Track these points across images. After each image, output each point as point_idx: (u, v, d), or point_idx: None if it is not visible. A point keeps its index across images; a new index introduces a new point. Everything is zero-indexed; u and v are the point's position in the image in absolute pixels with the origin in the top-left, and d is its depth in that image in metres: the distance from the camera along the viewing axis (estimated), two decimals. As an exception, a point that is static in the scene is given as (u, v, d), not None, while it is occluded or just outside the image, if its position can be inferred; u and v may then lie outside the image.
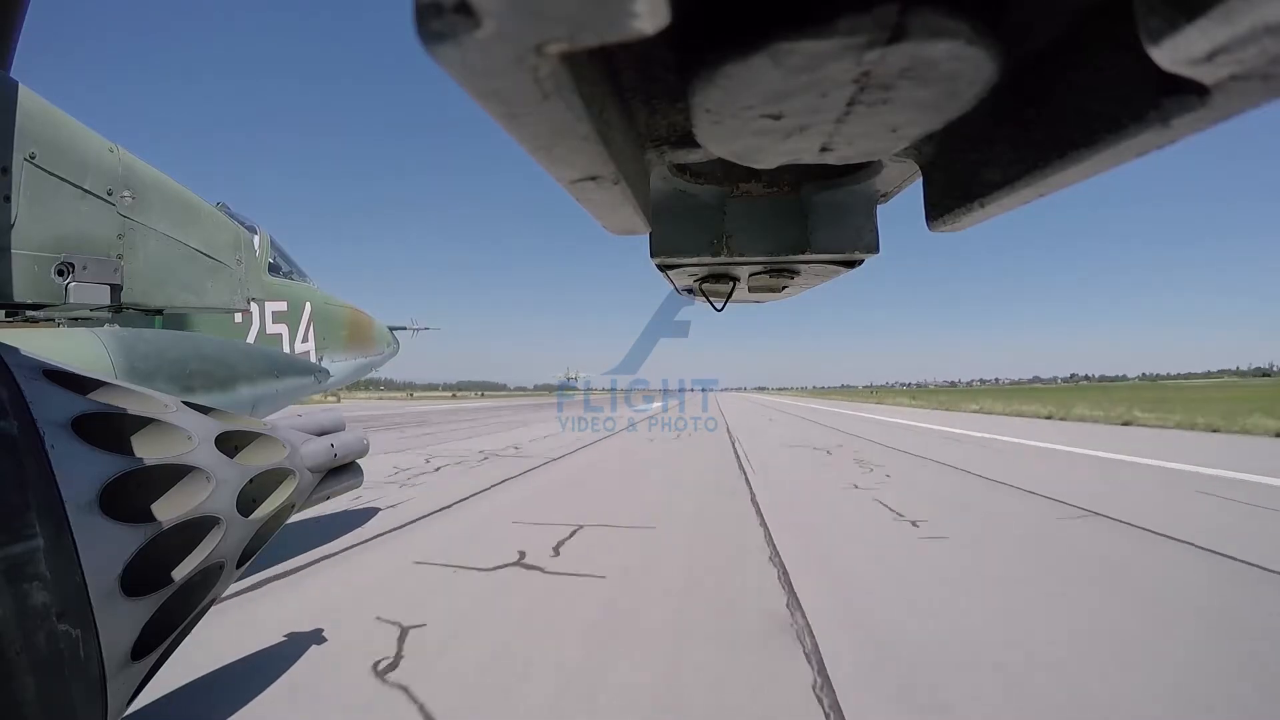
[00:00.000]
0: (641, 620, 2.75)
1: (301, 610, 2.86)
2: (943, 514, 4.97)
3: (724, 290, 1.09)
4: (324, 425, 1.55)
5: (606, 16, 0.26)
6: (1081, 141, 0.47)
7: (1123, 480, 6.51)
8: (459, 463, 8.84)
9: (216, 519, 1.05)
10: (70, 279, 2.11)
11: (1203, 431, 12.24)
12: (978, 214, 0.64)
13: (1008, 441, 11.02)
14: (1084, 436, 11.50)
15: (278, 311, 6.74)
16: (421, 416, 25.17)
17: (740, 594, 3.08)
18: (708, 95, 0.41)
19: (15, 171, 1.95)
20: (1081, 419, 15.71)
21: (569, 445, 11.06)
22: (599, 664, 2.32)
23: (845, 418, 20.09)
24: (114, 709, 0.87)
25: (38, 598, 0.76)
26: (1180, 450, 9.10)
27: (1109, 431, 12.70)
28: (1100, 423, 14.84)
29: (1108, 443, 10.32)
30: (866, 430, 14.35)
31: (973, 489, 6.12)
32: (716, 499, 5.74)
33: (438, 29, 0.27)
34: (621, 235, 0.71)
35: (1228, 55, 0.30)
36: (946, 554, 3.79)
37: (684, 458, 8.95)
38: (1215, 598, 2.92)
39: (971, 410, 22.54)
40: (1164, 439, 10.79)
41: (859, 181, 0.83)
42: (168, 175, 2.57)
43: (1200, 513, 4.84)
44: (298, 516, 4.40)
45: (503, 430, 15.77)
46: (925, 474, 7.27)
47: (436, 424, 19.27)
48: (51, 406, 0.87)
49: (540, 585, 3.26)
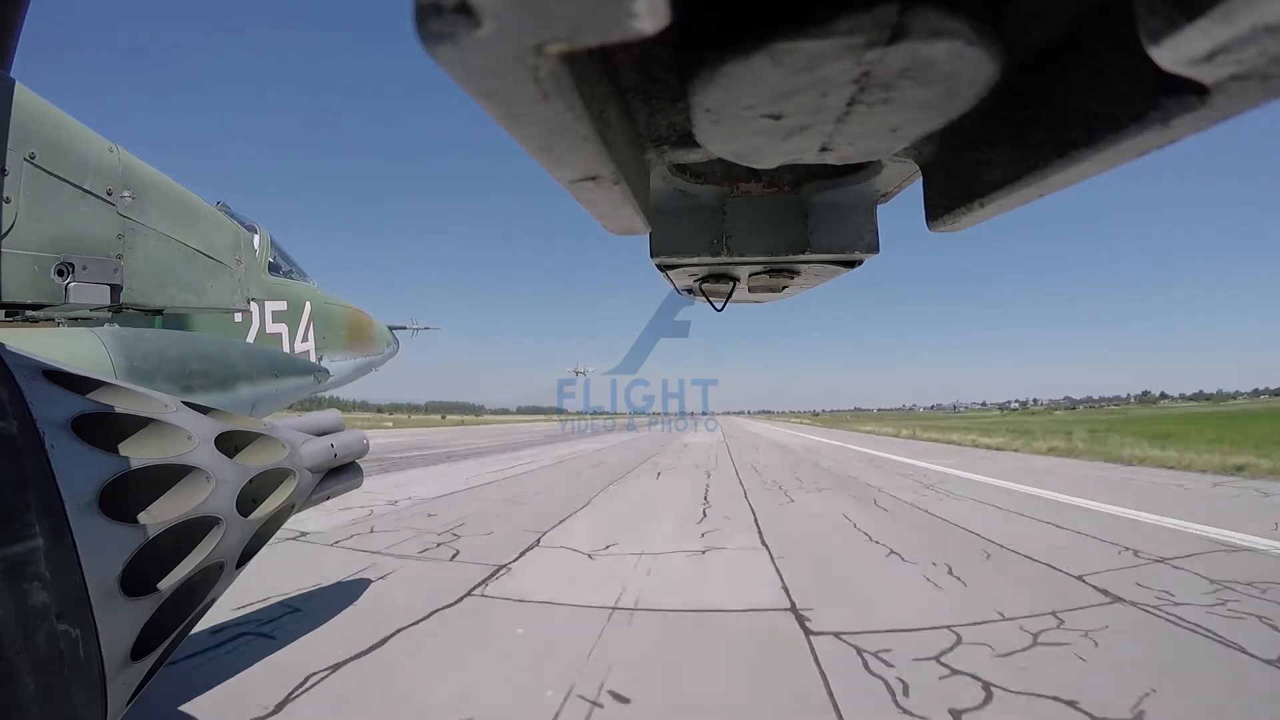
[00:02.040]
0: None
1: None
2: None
3: (724, 290, 1.09)
4: (324, 425, 1.55)
5: (606, 16, 0.26)
6: (1081, 141, 0.47)
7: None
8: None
9: (216, 519, 1.05)
10: (70, 279, 2.11)
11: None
12: (978, 214, 0.64)
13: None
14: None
15: (278, 311, 6.74)
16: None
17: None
18: (708, 95, 0.41)
19: (15, 171, 1.95)
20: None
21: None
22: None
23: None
24: (114, 709, 0.87)
25: (37, 598, 0.76)
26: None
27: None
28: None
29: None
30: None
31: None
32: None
33: (438, 29, 0.27)
34: (621, 235, 0.71)
35: (1228, 55, 0.30)
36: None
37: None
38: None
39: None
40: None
41: (859, 181, 0.83)
42: (168, 175, 2.58)
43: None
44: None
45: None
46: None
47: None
48: (51, 406, 0.87)
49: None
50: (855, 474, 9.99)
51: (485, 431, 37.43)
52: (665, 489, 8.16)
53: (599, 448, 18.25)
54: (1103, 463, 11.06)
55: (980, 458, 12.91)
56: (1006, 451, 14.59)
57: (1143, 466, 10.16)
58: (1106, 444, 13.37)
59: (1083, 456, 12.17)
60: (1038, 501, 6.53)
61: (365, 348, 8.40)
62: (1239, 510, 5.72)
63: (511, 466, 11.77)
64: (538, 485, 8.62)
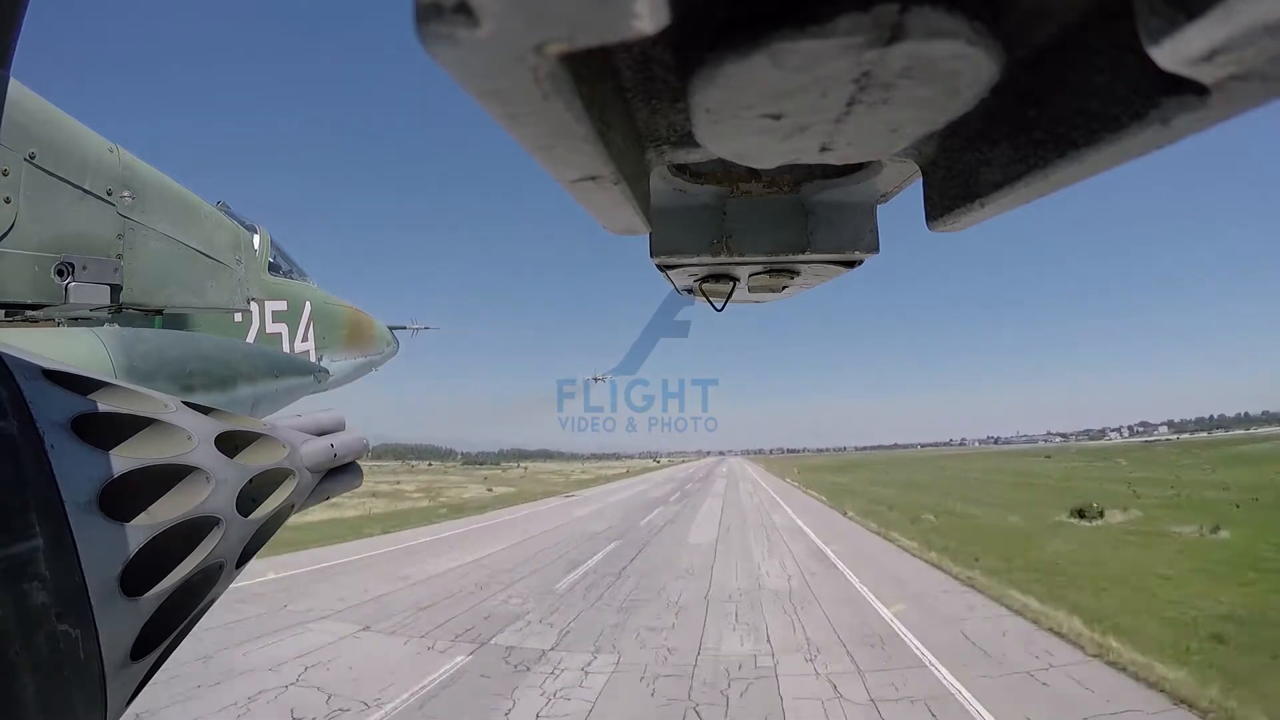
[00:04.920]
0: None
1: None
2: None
3: (724, 290, 1.09)
4: (324, 425, 1.55)
5: (606, 16, 0.26)
6: (1081, 141, 0.47)
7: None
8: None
9: (216, 519, 1.05)
10: (70, 279, 2.11)
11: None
12: (978, 214, 0.64)
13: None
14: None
15: (277, 311, 6.74)
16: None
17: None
18: (708, 95, 0.41)
19: (15, 171, 1.95)
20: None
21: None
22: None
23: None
24: (114, 709, 0.87)
25: (37, 598, 0.77)
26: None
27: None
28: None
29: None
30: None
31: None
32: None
33: (438, 29, 0.27)
34: (621, 235, 0.71)
35: (1228, 55, 0.30)
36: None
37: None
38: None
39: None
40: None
41: (859, 181, 0.83)
42: (168, 175, 2.58)
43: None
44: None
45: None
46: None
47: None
48: (51, 406, 0.87)
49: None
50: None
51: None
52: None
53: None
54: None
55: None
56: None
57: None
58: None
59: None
60: None
61: (365, 347, 8.40)
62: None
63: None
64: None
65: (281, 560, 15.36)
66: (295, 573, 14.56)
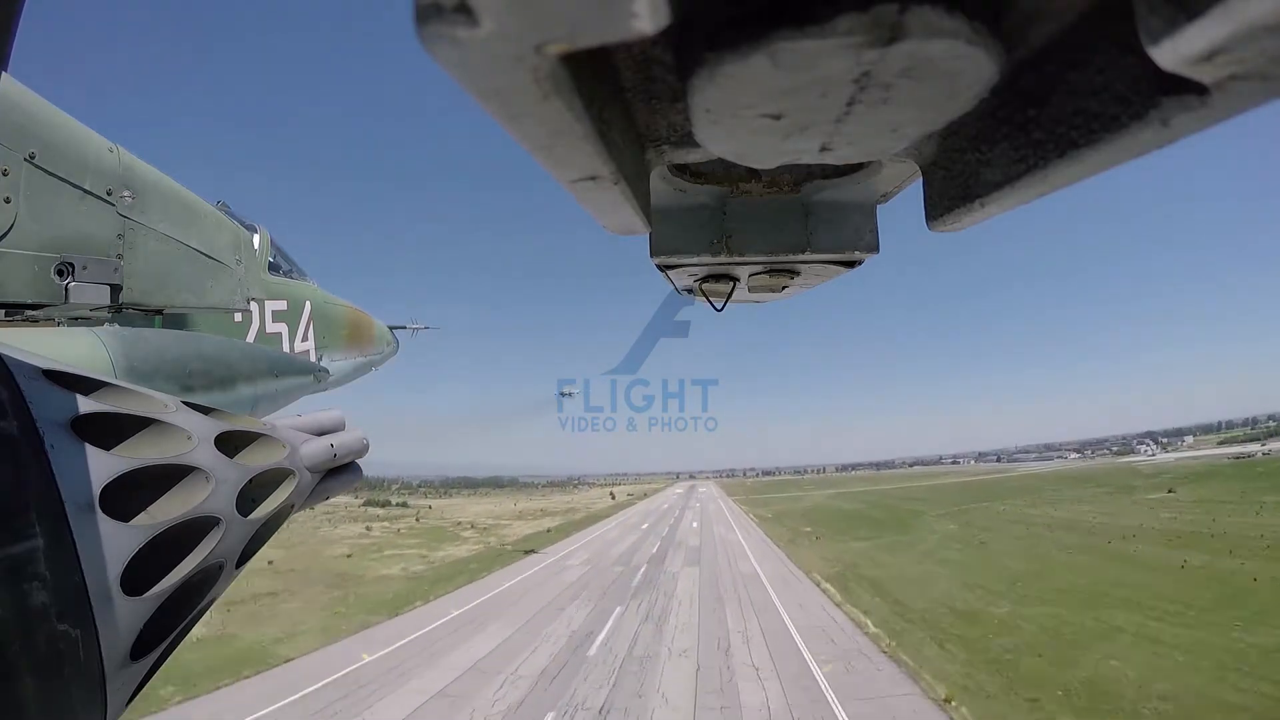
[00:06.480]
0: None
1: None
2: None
3: (724, 290, 1.09)
4: (324, 425, 1.55)
5: (606, 16, 0.26)
6: (1081, 141, 0.46)
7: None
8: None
9: (216, 519, 1.05)
10: (70, 279, 2.10)
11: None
12: (978, 213, 0.64)
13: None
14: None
15: (277, 310, 6.73)
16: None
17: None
18: (707, 95, 0.41)
19: (15, 171, 1.95)
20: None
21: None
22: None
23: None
24: (114, 709, 0.87)
25: (37, 598, 0.76)
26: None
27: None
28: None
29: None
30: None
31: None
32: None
33: (438, 29, 0.27)
34: (621, 235, 0.71)
35: (1228, 55, 0.30)
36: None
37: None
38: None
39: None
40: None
41: (859, 181, 0.83)
42: (168, 175, 2.57)
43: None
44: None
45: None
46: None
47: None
48: (51, 406, 0.87)
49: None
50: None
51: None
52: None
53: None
54: None
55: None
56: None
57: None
58: None
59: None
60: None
61: (365, 347, 8.39)
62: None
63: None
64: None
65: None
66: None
